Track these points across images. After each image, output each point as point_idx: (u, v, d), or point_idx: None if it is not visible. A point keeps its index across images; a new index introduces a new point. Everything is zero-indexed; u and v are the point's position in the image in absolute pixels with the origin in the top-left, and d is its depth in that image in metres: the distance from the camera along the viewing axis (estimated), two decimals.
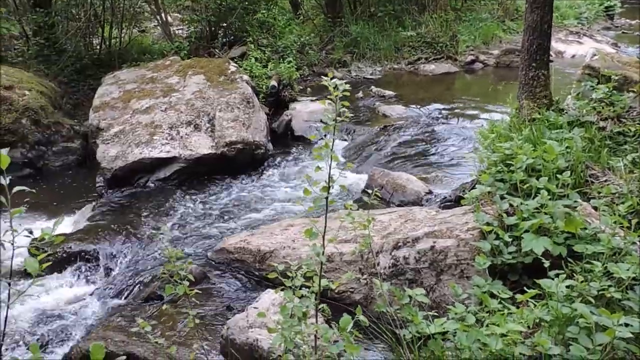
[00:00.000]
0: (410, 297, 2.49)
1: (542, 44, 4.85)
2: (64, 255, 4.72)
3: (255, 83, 8.20)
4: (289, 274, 2.30)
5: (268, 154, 6.95)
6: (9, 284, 1.82)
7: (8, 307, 1.87)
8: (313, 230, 2.03)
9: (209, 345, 3.52)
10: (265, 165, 6.83)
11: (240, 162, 6.56)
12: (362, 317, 2.15)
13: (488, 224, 3.35)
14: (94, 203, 5.88)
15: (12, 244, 1.75)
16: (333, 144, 2.00)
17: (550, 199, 3.33)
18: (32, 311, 4.24)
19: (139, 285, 4.41)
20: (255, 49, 9.28)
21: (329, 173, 2.02)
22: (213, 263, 4.52)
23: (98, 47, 9.67)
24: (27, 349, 3.79)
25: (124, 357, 1.81)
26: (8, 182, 1.74)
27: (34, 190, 1.76)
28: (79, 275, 4.66)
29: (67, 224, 5.51)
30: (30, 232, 1.83)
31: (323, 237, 2.07)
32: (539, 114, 4.68)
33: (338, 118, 1.99)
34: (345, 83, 2.00)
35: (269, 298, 3.47)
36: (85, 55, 9.18)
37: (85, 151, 7.15)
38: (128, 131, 6.51)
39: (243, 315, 3.38)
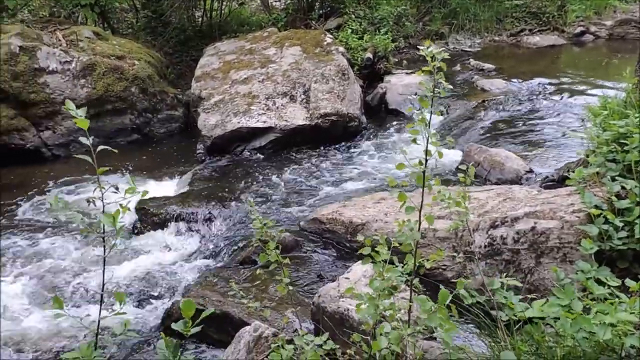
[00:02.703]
0: (502, 283, 2.40)
1: None
2: (167, 216, 5.00)
3: (351, 55, 8.15)
4: (377, 248, 2.29)
5: (361, 126, 6.93)
6: (103, 239, 1.93)
7: (105, 260, 1.99)
8: (410, 205, 2.00)
9: (299, 311, 3.61)
10: (359, 137, 6.82)
11: (333, 133, 6.60)
12: (462, 291, 2.11)
13: (596, 206, 3.14)
14: (194, 169, 6.17)
15: (102, 200, 1.86)
16: (430, 118, 1.93)
17: None
18: (137, 267, 4.53)
19: (234, 249, 4.59)
20: (351, 21, 9.19)
21: (426, 148, 1.97)
22: (305, 232, 4.61)
23: (200, 19, 10.02)
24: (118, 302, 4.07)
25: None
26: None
27: (115, 150, 1.85)
28: (180, 236, 4.92)
29: (169, 188, 5.84)
30: (116, 189, 1.94)
31: (419, 212, 2.03)
32: None
33: (436, 90, 1.92)
34: (444, 52, 1.91)
35: (360, 270, 3.49)
36: (188, 27, 9.55)
37: (187, 119, 7.50)
38: (227, 101, 6.73)
39: (334, 284, 3.42)
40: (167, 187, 5.84)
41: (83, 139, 1.77)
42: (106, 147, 1.83)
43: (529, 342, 2.24)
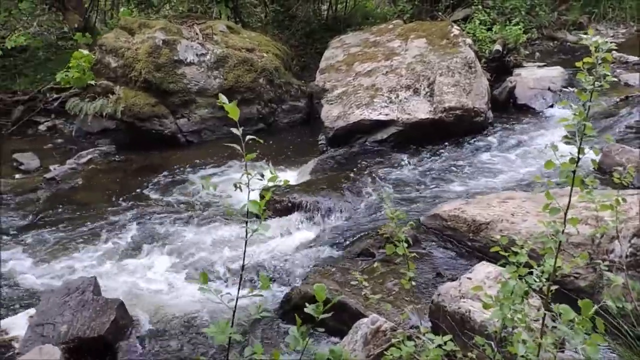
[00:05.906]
0: None
1: None
2: (289, 204, 5.12)
3: (478, 47, 7.84)
4: (513, 249, 2.17)
5: (487, 122, 6.63)
6: (246, 223, 1.99)
7: (246, 243, 2.06)
8: (554, 207, 1.86)
9: (418, 308, 3.55)
10: (484, 133, 6.52)
11: (457, 128, 6.38)
12: (610, 302, 1.94)
13: None
14: (316, 159, 6.28)
15: (248, 186, 1.93)
16: (588, 112, 1.78)
17: None
18: (259, 252, 4.70)
19: (352, 240, 4.60)
20: (480, 11, 8.83)
21: (579, 145, 1.82)
22: (425, 228, 4.51)
23: (325, 12, 10.19)
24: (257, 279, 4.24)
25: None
26: (241, 132, 1.88)
27: (261, 141, 1.91)
28: (300, 224, 5.02)
29: (291, 176, 6.01)
30: (262, 176, 2.00)
31: (565, 214, 1.89)
32: None
33: (597, 83, 1.76)
34: (610, 42, 1.75)
35: (483, 270, 3.35)
36: (313, 21, 9.77)
37: (310, 110, 7.66)
38: (350, 93, 6.77)
39: (455, 284, 3.32)
40: (289, 176, 6.01)
41: (234, 130, 1.84)
42: (253, 137, 1.90)
43: None
